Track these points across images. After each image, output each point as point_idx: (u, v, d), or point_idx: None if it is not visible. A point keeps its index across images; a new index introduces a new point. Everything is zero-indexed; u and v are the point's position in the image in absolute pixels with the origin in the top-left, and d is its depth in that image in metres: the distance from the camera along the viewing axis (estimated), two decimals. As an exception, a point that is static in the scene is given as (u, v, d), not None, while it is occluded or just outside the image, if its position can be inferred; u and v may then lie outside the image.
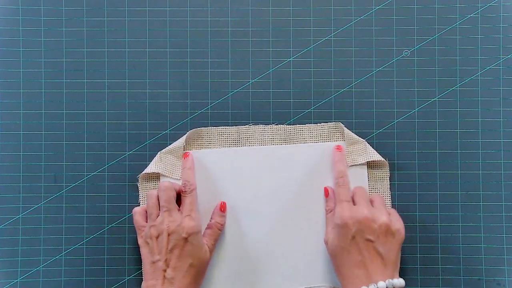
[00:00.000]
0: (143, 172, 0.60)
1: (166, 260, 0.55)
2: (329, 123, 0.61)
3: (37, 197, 0.61)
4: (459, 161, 0.61)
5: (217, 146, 0.61)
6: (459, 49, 0.62)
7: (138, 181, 0.61)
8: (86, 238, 0.61)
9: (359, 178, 0.60)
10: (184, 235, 0.55)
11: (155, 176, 0.61)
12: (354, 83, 0.62)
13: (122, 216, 0.61)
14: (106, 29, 0.62)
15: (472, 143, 0.61)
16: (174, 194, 0.57)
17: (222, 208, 0.60)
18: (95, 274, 0.61)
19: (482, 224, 0.61)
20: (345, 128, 0.61)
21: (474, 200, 0.61)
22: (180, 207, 0.57)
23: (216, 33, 0.62)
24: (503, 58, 0.62)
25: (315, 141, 0.61)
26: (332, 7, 0.62)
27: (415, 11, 0.62)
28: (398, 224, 0.55)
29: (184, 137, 0.61)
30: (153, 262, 0.55)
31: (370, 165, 0.61)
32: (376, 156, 0.60)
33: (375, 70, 0.62)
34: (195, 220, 0.56)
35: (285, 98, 0.62)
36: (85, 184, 0.61)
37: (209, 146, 0.61)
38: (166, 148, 0.61)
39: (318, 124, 0.62)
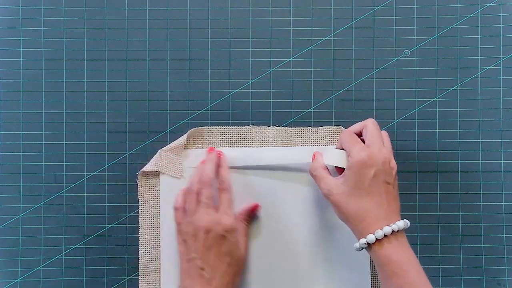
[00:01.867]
0: (143, 170, 0.60)
1: (203, 259, 0.54)
2: (330, 126, 0.61)
3: (37, 197, 0.61)
4: (459, 161, 0.61)
5: (218, 145, 0.61)
6: (459, 49, 0.62)
7: (137, 178, 0.61)
8: (86, 238, 0.61)
9: None
10: (221, 232, 0.54)
11: (155, 174, 0.61)
12: (354, 83, 0.62)
13: (122, 216, 0.61)
14: (106, 29, 0.62)
15: (472, 143, 0.61)
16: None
17: (255, 209, 0.60)
18: (95, 274, 0.61)
19: (482, 224, 0.61)
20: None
21: (474, 200, 0.61)
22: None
23: (216, 33, 0.62)
24: (503, 58, 0.62)
25: (316, 144, 0.61)
26: (332, 7, 0.62)
27: (415, 11, 0.62)
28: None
29: (185, 135, 0.61)
30: (189, 260, 0.54)
31: None
32: None
33: (375, 70, 0.62)
34: (232, 218, 0.56)
35: (285, 98, 0.62)
36: (85, 184, 0.61)
37: (210, 145, 0.61)
38: (167, 146, 0.61)
39: (320, 127, 0.62)
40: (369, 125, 0.55)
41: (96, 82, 0.62)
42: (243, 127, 0.62)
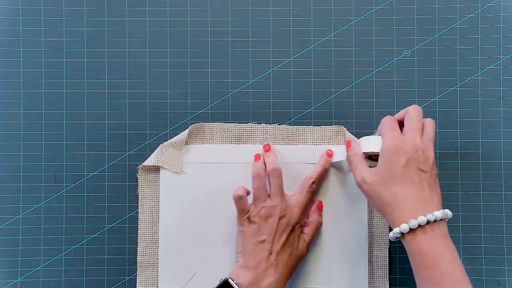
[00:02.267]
0: (143, 164, 0.60)
1: (272, 243, 0.54)
2: (331, 126, 0.61)
3: (37, 197, 0.61)
4: (459, 161, 0.61)
5: (218, 141, 0.61)
6: (459, 49, 0.62)
7: (137, 173, 0.61)
8: (86, 238, 0.61)
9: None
10: (292, 222, 0.55)
11: (155, 169, 0.61)
12: (354, 83, 0.62)
13: (122, 216, 0.61)
14: (106, 29, 0.62)
15: (472, 143, 0.61)
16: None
17: (320, 206, 0.60)
18: (95, 274, 0.61)
19: (482, 224, 0.61)
20: (347, 132, 0.61)
21: (474, 200, 0.61)
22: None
23: (216, 33, 0.62)
24: (503, 58, 0.62)
25: (317, 144, 0.61)
26: (332, 7, 0.62)
27: (415, 11, 0.62)
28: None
29: (187, 131, 0.61)
30: (260, 242, 0.54)
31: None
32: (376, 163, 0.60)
33: (375, 70, 0.62)
34: (303, 212, 0.57)
35: (285, 98, 0.62)
36: (85, 184, 0.61)
37: (211, 141, 0.61)
38: (168, 141, 0.61)
39: (321, 127, 0.62)
40: (410, 112, 0.54)
41: (96, 82, 0.62)
42: (244, 124, 0.62)
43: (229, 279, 0.53)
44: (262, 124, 0.62)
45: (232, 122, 0.62)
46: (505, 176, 0.61)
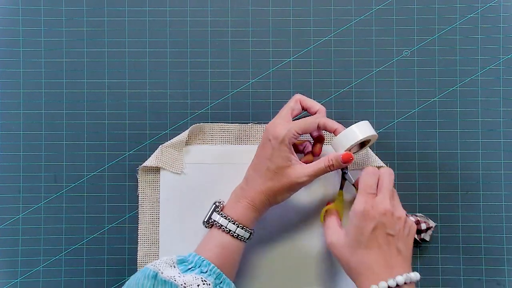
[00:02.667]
0: (143, 165, 0.60)
1: None
2: None
3: (37, 197, 0.61)
4: (459, 161, 0.61)
5: (218, 142, 0.61)
6: (459, 49, 0.62)
7: (137, 174, 0.61)
8: (86, 238, 0.61)
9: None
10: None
11: (155, 169, 0.61)
12: (354, 83, 0.62)
13: (122, 216, 0.61)
14: (106, 29, 0.62)
15: (472, 143, 0.61)
16: None
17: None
18: (95, 274, 0.61)
19: (482, 224, 0.61)
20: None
21: (474, 200, 0.61)
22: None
23: (216, 33, 0.62)
24: (503, 58, 0.62)
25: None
26: (332, 7, 0.62)
27: (415, 11, 0.62)
28: (411, 217, 0.54)
29: (187, 131, 0.61)
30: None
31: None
32: (378, 162, 0.60)
33: (375, 70, 0.62)
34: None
35: (285, 98, 0.62)
36: (85, 184, 0.61)
37: (211, 142, 0.61)
38: (168, 142, 0.61)
39: None
40: (381, 174, 0.54)
41: (96, 82, 0.62)
42: (244, 124, 0.62)
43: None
44: (262, 124, 0.62)
45: (232, 123, 0.62)
46: (505, 176, 0.61)
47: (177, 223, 0.60)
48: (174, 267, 0.51)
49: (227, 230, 0.53)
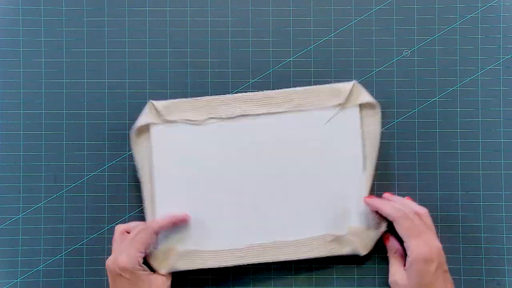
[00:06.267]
0: (136, 126, 0.59)
1: None
2: (345, 83, 0.60)
3: (37, 197, 0.61)
4: (459, 161, 0.61)
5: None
6: (459, 49, 0.62)
7: (131, 139, 0.59)
8: (86, 238, 0.61)
9: (352, 120, 0.59)
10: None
11: (146, 128, 0.60)
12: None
13: (122, 216, 0.61)
14: (106, 29, 0.62)
15: (472, 143, 0.61)
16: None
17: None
18: (95, 274, 0.61)
19: (482, 224, 0.61)
20: (363, 90, 0.60)
21: (474, 200, 0.61)
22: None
23: (216, 33, 0.62)
24: (503, 58, 0.62)
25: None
26: (332, 7, 0.62)
27: (415, 11, 0.62)
28: None
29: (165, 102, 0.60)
30: None
31: (362, 107, 0.60)
32: (368, 98, 0.60)
33: (375, 70, 0.62)
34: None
35: (285, 98, 0.62)
36: (85, 184, 0.61)
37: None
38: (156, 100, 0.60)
39: (313, 87, 0.60)
40: (422, 213, 0.56)
41: (96, 82, 0.62)
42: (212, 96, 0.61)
43: None
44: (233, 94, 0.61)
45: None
46: (505, 176, 0.61)
47: (173, 177, 0.59)
48: None
49: None
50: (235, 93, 0.62)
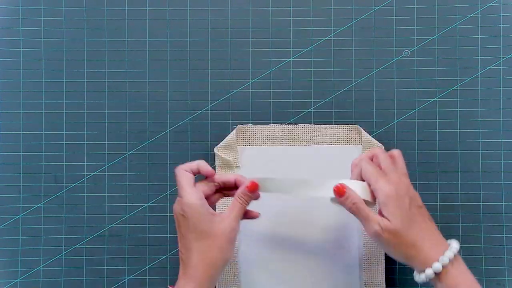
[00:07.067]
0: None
1: None
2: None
3: (37, 197, 0.61)
4: (459, 161, 0.61)
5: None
6: (459, 49, 0.62)
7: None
8: (86, 238, 0.61)
9: None
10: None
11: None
12: (354, 83, 0.62)
13: (122, 216, 0.61)
14: (106, 29, 0.62)
15: (472, 143, 0.61)
16: None
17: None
18: (95, 274, 0.61)
19: (482, 224, 0.61)
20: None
21: (474, 200, 0.61)
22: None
23: (216, 33, 0.62)
24: (503, 58, 0.62)
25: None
26: (332, 7, 0.62)
27: (415, 11, 0.62)
28: None
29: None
30: None
31: None
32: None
33: (375, 70, 0.62)
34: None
35: (285, 98, 0.62)
36: (85, 184, 0.61)
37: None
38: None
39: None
40: (380, 155, 0.53)
41: (96, 82, 0.62)
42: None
43: None
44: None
45: (232, 122, 0.62)
46: (505, 176, 0.61)
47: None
48: None
49: None
50: (235, 93, 0.62)
